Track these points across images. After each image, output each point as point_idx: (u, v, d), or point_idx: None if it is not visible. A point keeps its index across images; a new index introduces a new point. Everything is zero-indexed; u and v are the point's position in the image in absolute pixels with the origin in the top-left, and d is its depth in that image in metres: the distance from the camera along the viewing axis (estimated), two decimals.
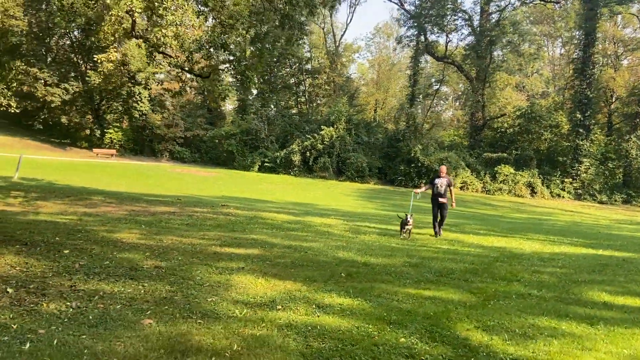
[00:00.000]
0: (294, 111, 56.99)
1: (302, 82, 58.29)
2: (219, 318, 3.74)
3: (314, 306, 4.22)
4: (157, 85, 47.72)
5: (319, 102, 59.05)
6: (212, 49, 11.49)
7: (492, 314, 4.46)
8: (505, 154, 41.71)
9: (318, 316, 3.92)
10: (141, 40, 10.94)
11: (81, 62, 46.40)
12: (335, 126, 41.30)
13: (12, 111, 43.53)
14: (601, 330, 4.22)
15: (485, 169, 41.22)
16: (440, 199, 12.02)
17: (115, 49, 11.07)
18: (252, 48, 12.82)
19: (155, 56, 11.85)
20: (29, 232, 7.34)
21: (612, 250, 11.67)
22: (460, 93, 59.30)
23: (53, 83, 41.90)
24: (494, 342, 3.69)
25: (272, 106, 56.00)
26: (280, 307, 4.14)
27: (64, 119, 44.40)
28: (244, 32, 11.97)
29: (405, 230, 11.10)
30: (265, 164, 42.33)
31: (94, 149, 42.40)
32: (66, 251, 6.00)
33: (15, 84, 42.03)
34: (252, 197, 24.48)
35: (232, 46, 12.06)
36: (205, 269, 5.66)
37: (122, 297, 4.21)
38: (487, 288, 5.72)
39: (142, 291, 4.43)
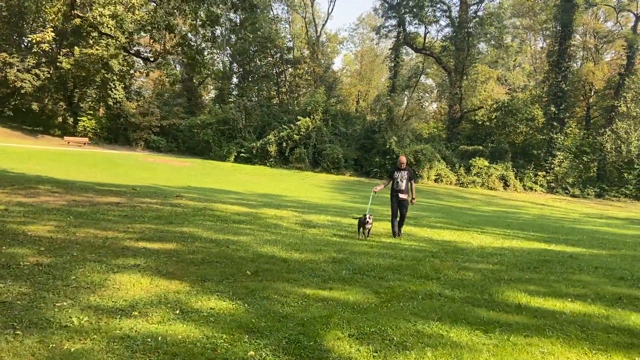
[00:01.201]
0: (275, 101, 56.33)
1: (284, 72, 57.61)
2: (45, 329, 3.33)
3: (177, 312, 3.83)
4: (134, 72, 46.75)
5: (299, 92, 58.44)
6: (154, 31, 10.94)
7: (380, 318, 4.12)
8: (481, 147, 41.65)
9: (170, 324, 3.53)
10: (79, 19, 10.37)
11: (54, 46, 45.19)
12: (312, 117, 40.84)
13: None
14: (493, 340, 3.89)
15: (460, 161, 41.14)
16: (401, 195, 10.45)
17: (52, 29, 10.52)
18: (203, 31, 12.28)
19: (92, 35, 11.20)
20: None
21: (565, 245, 11.48)
22: (439, 86, 59.05)
23: (23, 68, 40.75)
24: (359, 354, 3.34)
25: (252, 96, 55.31)
26: (136, 313, 3.74)
27: (34, 106, 43.29)
28: (193, 13, 11.44)
29: (363, 230, 9.95)
30: (242, 155, 41.76)
31: (65, 137, 41.43)
32: None
33: None
34: (220, 187, 24.01)
35: (179, 28, 11.51)
36: (93, 266, 5.24)
37: None
38: (398, 287, 5.40)
39: None
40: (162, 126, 46.41)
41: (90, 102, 46.92)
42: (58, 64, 41.02)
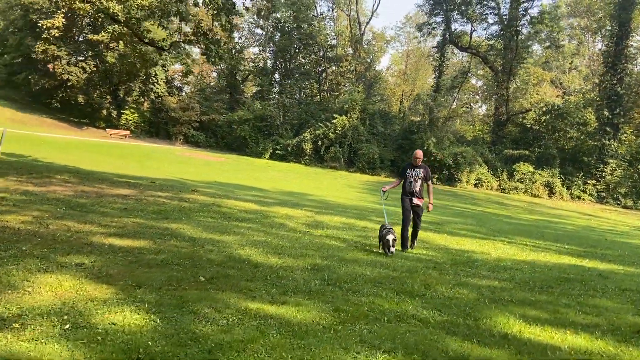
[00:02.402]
0: (316, 99, 55.84)
1: (325, 70, 57.03)
2: None
3: (66, 326, 3.25)
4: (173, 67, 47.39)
5: (340, 91, 57.69)
6: (162, 18, 10.57)
7: (316, 346, 3.40)
8: (527, 152, 39.48)
9: (42, 343, 2.95)
10: (88, 5, 10.14)
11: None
12: (349, 115, 40.01)
13: (33, 89, 44.10)
14: None
15: (504, 166, 39.17)
16: (415, 200, 8.54)
17: (62, 14, 10.35)
18: (220, 19, 11.81)
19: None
20: None
21: (600, 261, 10.29)
22: (486, 86, 56.87)
23: (71, 61, 42.04)
24: None
25: (294, 93, 55.07)
26: (17, 325, 3.18)
27: (80, 98, 44.59)
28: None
29: (384, 247, 7.84)
30: (277, 152, 41.46)
31: (107, 130, 42.45)
32: None
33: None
34: (246, 184, 23.69)
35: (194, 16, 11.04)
36: (31, 264, 4.78)
37: None
38: (367, 304, 4.64)
39: None
40: (202, 121, 46.83)
41: (134, 96, 47.90)
42: (103, 57, 42.07)
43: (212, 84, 61.59)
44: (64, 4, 10.78)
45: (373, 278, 5.92)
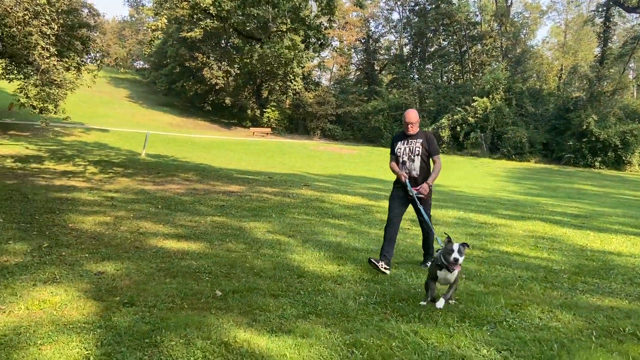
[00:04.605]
0: (459, 82, 52.56)
1: (467, 50, 53.34)
2: None
3: None
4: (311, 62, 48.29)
5: (483, 71, 53.44)
6: (252, 7, 10.18)
7: None
8: None
9: None
10: (186, 3, 10.25)
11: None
12: (490, 96, 36.62)
13: (189, 95, 48.64)
14: None
15: None
16: (411, 190, 5.36)
17: (164, 15, 10.75)
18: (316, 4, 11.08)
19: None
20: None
21: None
22: None
23: (217, 66, 45.33)
24: None
25: (436, 77, 52.56)
26: None
27: (228, 100, 47.90)
28: None
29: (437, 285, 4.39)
30: None
31: (251, 128, 44.95)
32: None
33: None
34: (370, 176, 22.88)
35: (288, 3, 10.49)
36: (47, 271, 4.54)
37: None
38: (403, 338, 3.47)
39: None
40: (338, 114, 47.08)
41: (276, 95, 50.03)
42: (246, 60, 44.52)
43: (350, 76, 61.82)
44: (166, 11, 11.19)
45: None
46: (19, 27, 12.61)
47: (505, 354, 3.26)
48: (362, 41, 59.70)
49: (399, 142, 5.55)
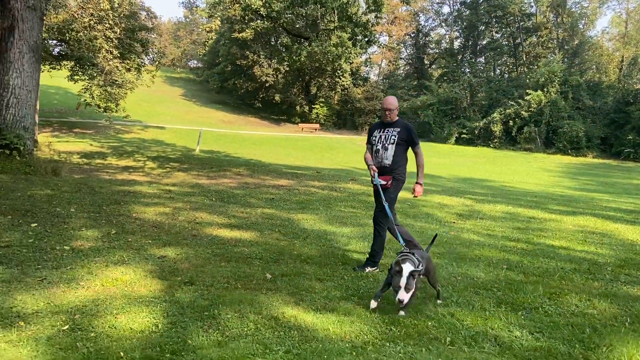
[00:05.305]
0: (513, 75, 51.10)
1: (521, 43, 51.73)
2: None
3: (65, 327, 3.16)
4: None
5: (538, 64, 51.66)
6: (300, 7, 10.48)
7: None
8: None
9: (25, 346, 2.89)
10: (238, 5, 10.71)
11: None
12: (545, 89, 35.47)
13: (240, 92, 49.89)
14: None
15: None
16: (378, 180, 5.17)
17: (218, 17, 11.18)
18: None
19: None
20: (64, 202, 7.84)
21: None
22: None
23: (267, 64, 46.22)
24: None
25: (488, 70, 51.37)
26: (22, 323, 3.21)
27: (277, 97, 48.75)
28: None
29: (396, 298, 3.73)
30: (463, 136, 39.13)
31: (299, 124, 45.57)
32: (34, 224, 6.06)
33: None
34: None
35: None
36: (117, 255, 5.03)
37: None
38: (439, 319, 3.69)
39: None
40: None
41: (324, 91, 50.43)
42: (295, 58, 45.12)
43: (398, 70, 61.39)
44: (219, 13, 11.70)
45: (483, 282, 4.79)
46: (85, 31, 13.50)
47: (538, 335, 3.42)
48: (412, 35, 59.12)
49: (376, 131, 5.38)
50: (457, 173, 23.37)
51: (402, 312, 3.75)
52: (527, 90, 36.25)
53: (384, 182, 5.10)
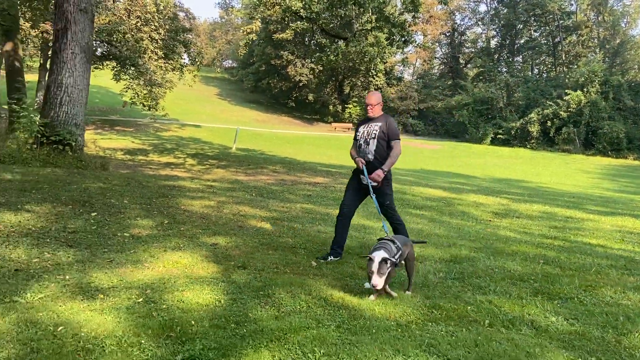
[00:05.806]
0: (550, 75, 50.07)
1: (561, 42, 50.65)
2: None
3: (140, 300, 3.53)
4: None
5: (578, 63, 50.41)
6: (339, 8, 10.74)
7: (356, 345, 3.01)
8: None
9: (97, 315, 3.27)
10: (278, 6, 11.08)
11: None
12: (585, 90, 34.70)
13: (274, 92, 50.58)
14: None
15: None
16: (365, 179, 5.22)
17: (258, 18, 11.54)
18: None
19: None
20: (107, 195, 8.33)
21: None
22: None
23: (301, 64, 46.73)
24: None
25: (522, 71, 50.46)
26: (102, 295, 3.61)
27: (310, 97, 49.22)
28: None
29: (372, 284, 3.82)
30: (499, 136, 38.65)
31: (332, 123, 45.90)
32: (93, 213, 6.54)
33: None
34: (453, 171, 22.75)
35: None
36: (173, 241, 5.44)
37: None
38: (478, 304, 3.91)
39: None
40: (420, 109, 46.78)
41: (358, 91, 50.63)
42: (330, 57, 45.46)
43: (433, 70, 60.97)
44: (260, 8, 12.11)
45: (519, 274, 4.97)
46: (132, 33, 14.12)
47: (573, 322, 3.61)
48: (447, 34, 58.61)
49: (361, 127, 5.40)
50: (492, 173, 23.22)
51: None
52: (566, 90, 35.52)
53: (374, 184, 5.14)
